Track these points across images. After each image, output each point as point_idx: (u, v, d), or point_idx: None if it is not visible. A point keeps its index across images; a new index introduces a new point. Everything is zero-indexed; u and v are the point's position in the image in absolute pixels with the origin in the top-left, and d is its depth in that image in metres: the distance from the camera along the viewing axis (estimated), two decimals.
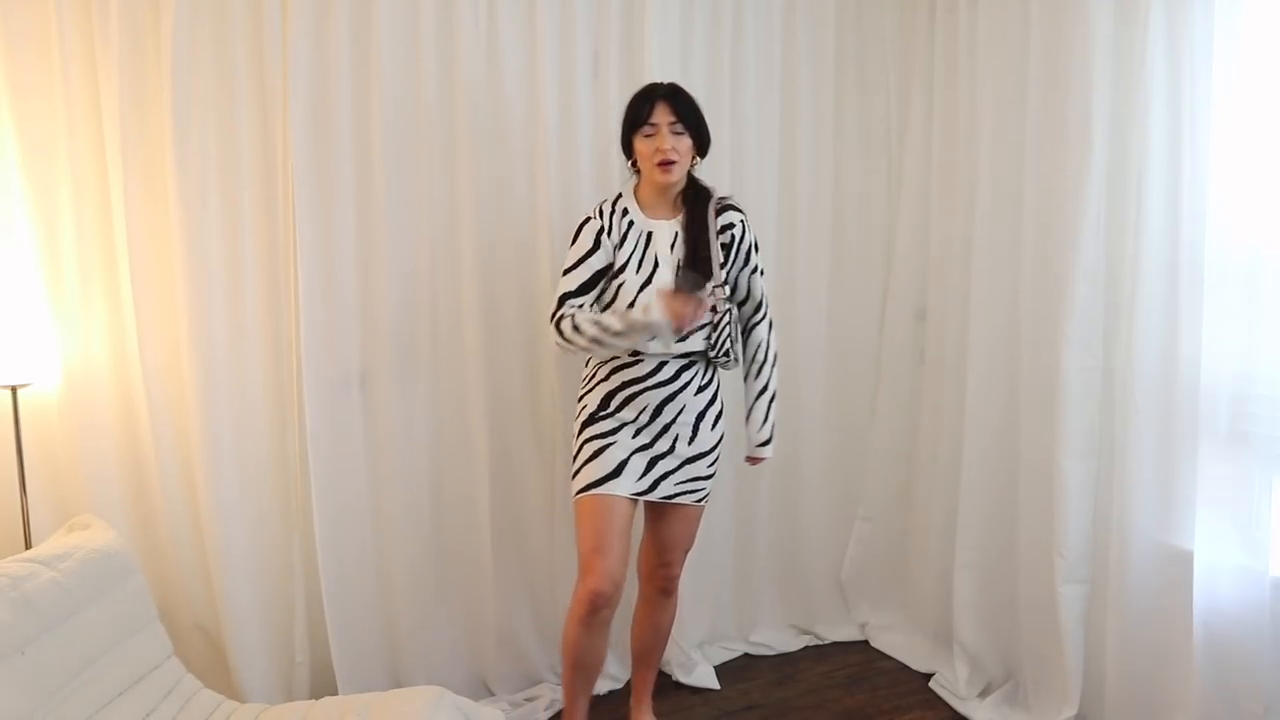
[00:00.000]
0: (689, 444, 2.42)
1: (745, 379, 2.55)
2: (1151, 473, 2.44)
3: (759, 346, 2.51)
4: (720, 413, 2.48)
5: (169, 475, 2.50)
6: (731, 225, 2.43)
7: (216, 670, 2.55)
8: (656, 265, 2.35)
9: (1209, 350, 2.29)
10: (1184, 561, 2.34)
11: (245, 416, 2.58)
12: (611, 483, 2.33)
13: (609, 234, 2.37)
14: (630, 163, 2.45)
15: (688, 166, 2.38)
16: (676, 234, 2.38)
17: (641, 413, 2.38)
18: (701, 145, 2.40)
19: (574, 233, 2.40)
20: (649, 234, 2.37)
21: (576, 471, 2.40)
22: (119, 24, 2.35)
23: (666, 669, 3.03)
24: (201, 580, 2.56)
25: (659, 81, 2.42)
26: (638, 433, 2.38)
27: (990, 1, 2.85)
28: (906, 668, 3.16)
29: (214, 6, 2.46)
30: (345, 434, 2.67)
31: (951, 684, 2.96)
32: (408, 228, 2.69)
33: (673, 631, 2.79)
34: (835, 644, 3.33)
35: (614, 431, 2.38)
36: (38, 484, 2.38)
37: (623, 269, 2.36)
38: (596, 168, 2.90)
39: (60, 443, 2.43)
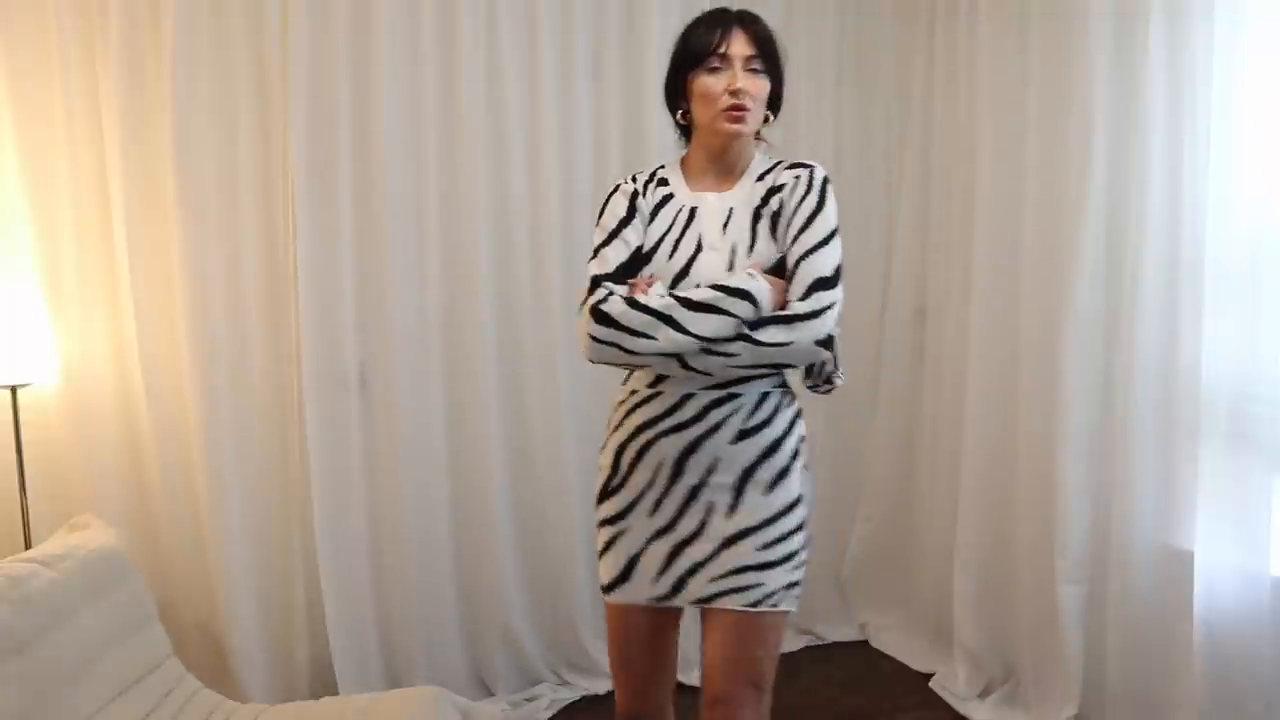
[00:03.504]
0: (727, 516, 1.70)
1: None
2: (1151, 473, 2.44)
3: None
4: (787, 467, 1.72)
5: (169, 475, 2.51)
6: (781, 186, 1.76)
7: (216, 670, 2.55)
8: (699, 249, 1.73)
9: (1209, 350, 2.28)
10: (1184, 561, 2.34)
11: (245, 416, 2.58)
12: (620, 590, 1.78)
13: (642, 200, 1.82)
14: (678, 124, 1.84)
15: (759, 123, 1.77)
16: (731, 210, 1.76)
17: (657, 474, 1.73)
18: (778, 96, 1.80)
19: (600, 207, 1.85)
20: (692, 209, 1.77)
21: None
22: (119, 25, 2.36)
23: None
24: (201, 580, 2.56)
25: (726, 6, 1.87)
26: (656, 506, 1.74)
27: (990, 6, 2.85)
28: (906, 667, 3.16)
29: (213, 8, 2.46)
30: (345, 434, 2.67)
31: (951, 684, 2.95)
32: (407, 227, 2.69)
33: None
34: (835, 644, 3.33)
35: (626, 511, 1.76)
36: (37, 484, 2.38)
37: (651, 253, 1.77)
38: (596, 166, 2.90)
39: (60, 442, 2.44)
